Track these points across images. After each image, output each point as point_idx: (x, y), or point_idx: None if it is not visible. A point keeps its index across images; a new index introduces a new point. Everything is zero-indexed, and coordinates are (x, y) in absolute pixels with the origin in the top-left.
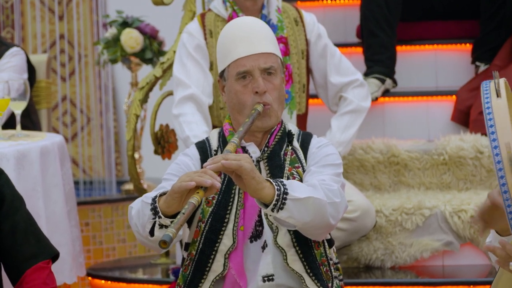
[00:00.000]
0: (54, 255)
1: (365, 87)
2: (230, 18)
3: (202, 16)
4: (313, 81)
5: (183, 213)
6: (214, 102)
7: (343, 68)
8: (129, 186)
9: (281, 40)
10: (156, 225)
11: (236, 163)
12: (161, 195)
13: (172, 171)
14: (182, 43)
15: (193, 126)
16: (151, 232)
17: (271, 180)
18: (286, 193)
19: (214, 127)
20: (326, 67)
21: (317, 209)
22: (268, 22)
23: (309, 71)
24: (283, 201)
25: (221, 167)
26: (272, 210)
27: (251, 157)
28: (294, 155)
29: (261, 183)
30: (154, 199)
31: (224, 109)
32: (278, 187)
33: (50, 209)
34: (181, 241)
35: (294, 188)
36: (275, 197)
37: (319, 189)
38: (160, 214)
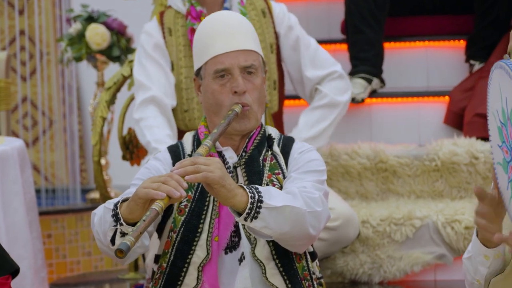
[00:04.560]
0: (14, 270)
1: (344, 80)
2: (188, 12)
3: (161, 14)
4: (289, 77)
5: (144, 220)
6: (178, 104)
7: (319, 60)
8: (95, 195)
9: None
10: (118, 233)
11: (202, 175)
12: (123, 200)
13: (141, 176)
14: (141, 44)
15: (155, 130)
16: (113, 241)
17: (245, 187)
18: (261, 201)
19: (179, 131)
20: (300, 61)
21: (295, 219)
22: None
23: (280, 66)
24: (257, 209)
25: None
26: (245, 219)
27: (228, 162)
28: (274, 160)
29: (232, 191)
30: (116, 205)
31: (189, 112)
32: (252, 195)
33: (10, 219)
34: (143, 255)
35: (270, 195)
36: (249, 205)
37: (299, 197)
38: (122, 221)
